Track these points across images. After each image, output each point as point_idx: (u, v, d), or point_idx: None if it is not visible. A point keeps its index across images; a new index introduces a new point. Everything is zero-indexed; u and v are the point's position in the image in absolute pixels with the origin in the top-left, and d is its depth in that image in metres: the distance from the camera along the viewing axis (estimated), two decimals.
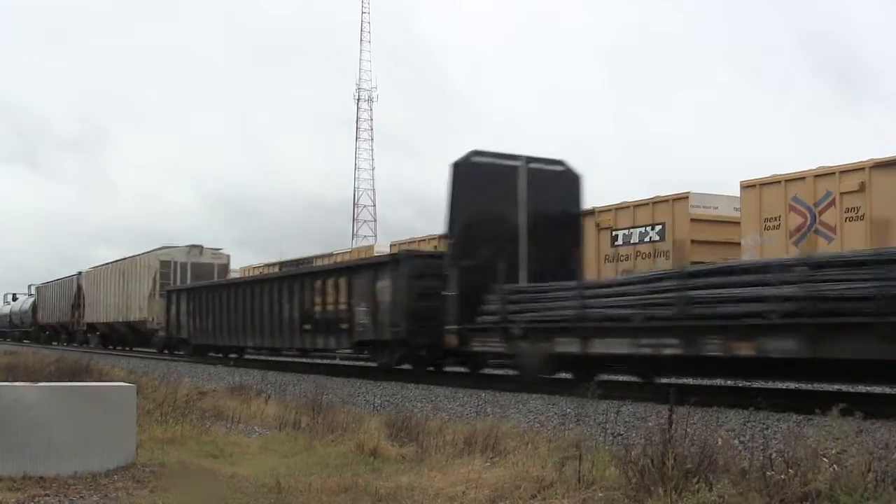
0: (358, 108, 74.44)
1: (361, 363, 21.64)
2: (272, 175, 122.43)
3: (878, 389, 12.68)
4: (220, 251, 35.66)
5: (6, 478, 6.34)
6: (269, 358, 26.69)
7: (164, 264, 33.80)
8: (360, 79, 74.26)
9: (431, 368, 17.95)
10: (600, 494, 5.54)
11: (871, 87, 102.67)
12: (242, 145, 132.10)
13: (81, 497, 5.97)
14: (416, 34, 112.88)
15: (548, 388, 12.97)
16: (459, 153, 16.22)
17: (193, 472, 6.91)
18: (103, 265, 41.93)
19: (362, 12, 73.72)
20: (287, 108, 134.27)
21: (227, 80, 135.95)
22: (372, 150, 75.01)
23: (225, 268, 34.99)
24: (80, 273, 44.70)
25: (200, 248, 34.88)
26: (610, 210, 20.61)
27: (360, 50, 74.26)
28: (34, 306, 54.80)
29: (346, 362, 24.10)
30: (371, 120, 74.84)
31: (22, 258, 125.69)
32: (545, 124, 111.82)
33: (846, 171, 15.24)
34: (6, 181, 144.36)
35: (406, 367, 17.96)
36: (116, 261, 39.83)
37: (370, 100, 74.43)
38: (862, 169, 14.97)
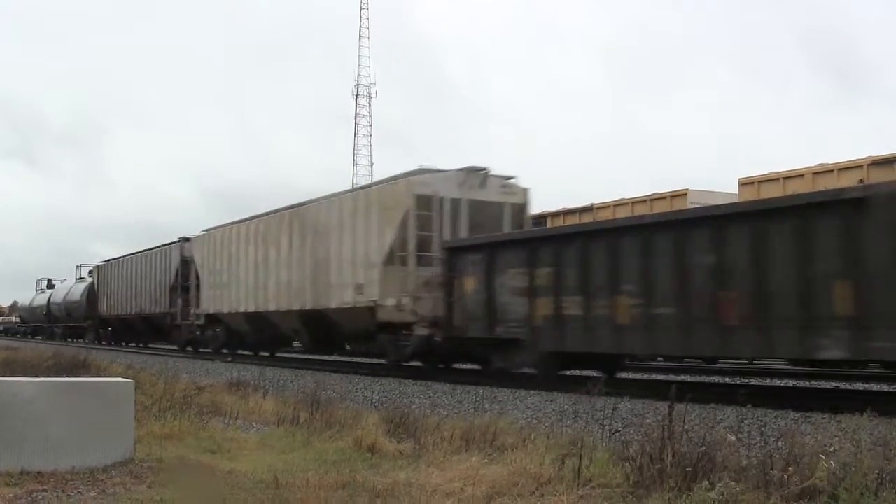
0: (356, 105, 74.16)
1: None
2: (271, 171, 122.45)
3: (875, 387, 12.71)
4: (512, 182, 18.51)
5: (4, 473, 6.33)
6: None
7: (423, 202, 17.24)
8: (358, 75, 73.98)
9: None
10: (598, 491, 5.54)
11: (870, 82, 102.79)
12: (241, 141, 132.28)
13: (79, 492, 5.96)
14: (413, 29, 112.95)
15: (545, 385, 12.97)
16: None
17: (191, 467, 6.90)
18: (256, 218, 24.57)
19: (361, 8, 73.44)
20: (286, 104, 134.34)
21: (226, 77, 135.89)
22: (370, 145, 74.80)
23: (521, 210, 18.36)
24: (186, 239, 30.04)
25: (484, 173, 18.06)
26: (608, 206, 20.64)
27: (359, 46, 74.01)
28: (91, 292, 41.33)
29: None
30: (370, 116, 74.56)
31: (20, 254, 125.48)
32: (544, 122, 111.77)
33: (845, 168, 15.28)
34: (4, 177, 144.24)
35: None
36: (292, 206, 22.46)
37: (369, 96, 74.23)
38: (860, 166, 15.01)
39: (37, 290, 56.49)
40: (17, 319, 63.52)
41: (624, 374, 14.21)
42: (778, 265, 10.10)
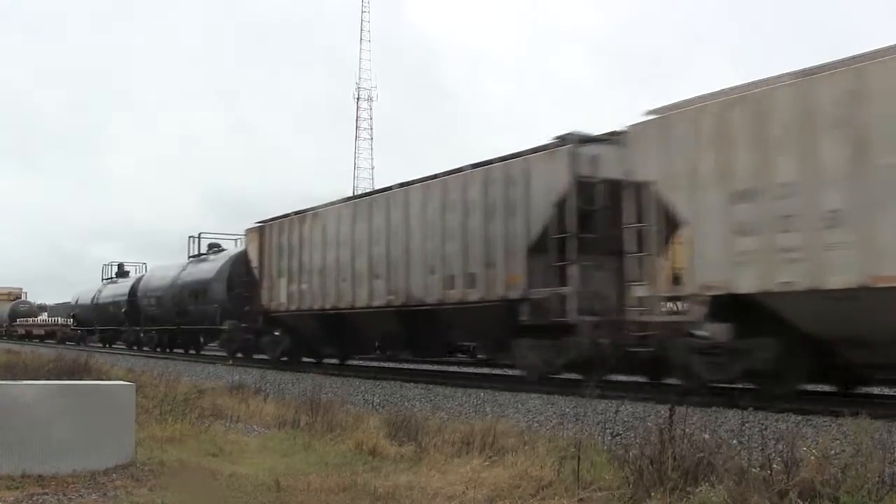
0: (357, 108, 74.14)
1: None
2: (271, 173, 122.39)
3: (875, 390, 12.69)
4: None
5: (5, 476, 6.33)
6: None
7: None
8: (359, 78, 73.94)
9: None
10: (599, 494, 5.55)
11: None
12: (241, 143, 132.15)
13: (80, 496, 5.96)
14: (410, 27, 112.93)
15: (546, 388, 12.98)
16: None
17: (192, 470, 6.91)
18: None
19: (362, 11, 73.36)
20: (286, 106, 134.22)
21: (226, 78, 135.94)
22: (371, 148, 74.73)
23: None
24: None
25: None
26: None
27: (360, 49, 73.93)
28: (237, 271, 25.69)
29: None
30: (371, 119, 74.57)
31: (15, 255, 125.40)
32: (543, 121, 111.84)
33: None
34: (0, 177, 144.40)
35: None
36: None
37: (370, 99, 74.20)
38: None
39: (104, 280, 42.85)
40: (67, 321, 50.82)
41: (624, 377, 14.22)
42: None
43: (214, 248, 31.40)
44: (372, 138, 75.07)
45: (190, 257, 31.73)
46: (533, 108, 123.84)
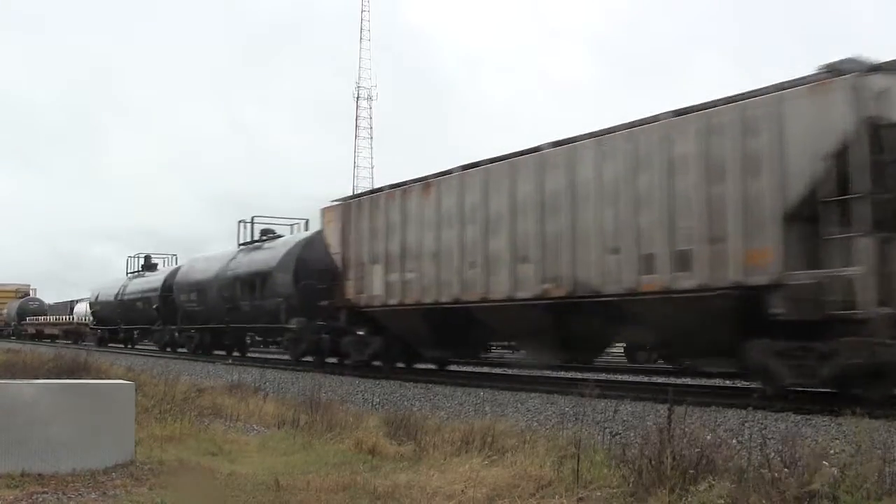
0: (357, 107, 74.07)
1: None
2: (270, 172, 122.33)
3: None
4: None
5: (5, 475, 6.34)
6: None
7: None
8: (359, 77, 73.83)
9: None
10: (598, 494, 5.55)
11: None
12: (240, 143, 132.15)
13: (80, 494, 5.96)
14: (410, 26, 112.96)
15: (546, 387, 12.99)
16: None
17: (192, 469, 6.91)
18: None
19: (362, 10, 73.25)
20: (285, 105, 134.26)
21: (225, 78, 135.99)
22: (371, 147, 74.67)
23: None
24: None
25: None
26: None
27: (360, 48, 73.84)
28: (300, 264, 22.10)
29: None
30: (370, 118, 74.52)
31: (15, 254, 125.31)
32: (544, 120, 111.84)
33: None
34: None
35: None
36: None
37: (369, 98, 74.15)
38: None
39: (129, 274, 38.22)
40: (85, 318, 46.25)
41: (624, 377, 14.22)
42: None
43: (269, 234, 26.73)
44: (372, 137, 75.06)
45: (240, 245, 26.84)
46: (533, 107, 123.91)
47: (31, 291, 65.85)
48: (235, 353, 24.16)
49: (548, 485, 5.85)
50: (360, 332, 18.75)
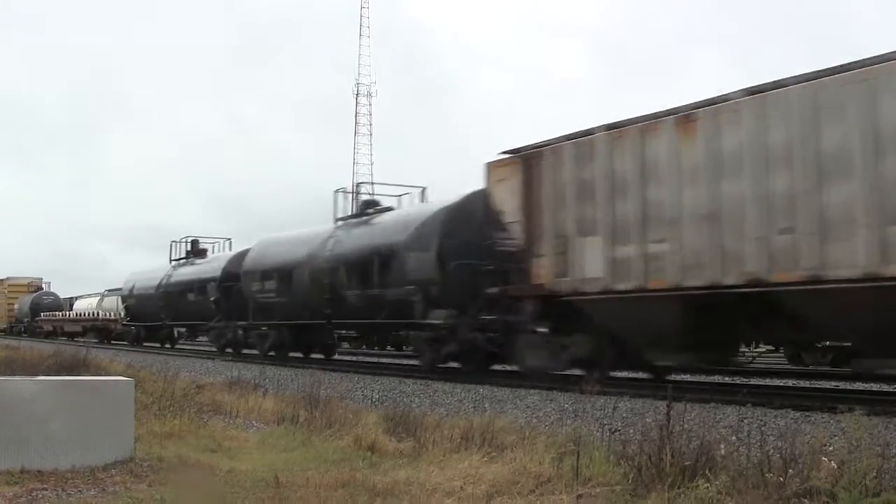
0: (357, 103, 73.90)
1: None
2: (270, 170, 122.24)
3: (874, 387, 12.72)
4: None
5: (4, 471, 6.34)
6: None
7: None
8: (359, 74, 73.61)
9: None
10: (598, 490, 5.55)
11: None
12: (239, 141, 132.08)
13: (79, 491, 5.96)
14: (409, 23, 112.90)
15: (545, 384, 12.98)
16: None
17: (191, 466, 6.92)
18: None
19: (361, 7, 73.05)
20: (284, 103, 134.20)
21: (225, 76, 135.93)
22: (371, 144, 74.48)
23: None
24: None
25: None
26: None
27: (359, 45, 73.63)
28: (446, 238, 16.46)
29: None
30: (370, 115, 74.30)
31: (14, 254, 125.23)
32: (543, 118, 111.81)
33: None
34: None
35: None
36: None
37: (369, 94, 73.99)
38: None
39: (173, 262, 32.21)
40: (114, 314, 41.16)
41: (623, 374, 14.22)
42: None
43: (373, 205, 21.56)
44: (371, 134, 74.91)
45: (338, 219, 21.50)
46: (532, 104, 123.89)
47: (44, 285, 59.08)
48: (316, 355, 19.85)
49: (547, 481, 5.85)
50: (542, 330, 14.07)
